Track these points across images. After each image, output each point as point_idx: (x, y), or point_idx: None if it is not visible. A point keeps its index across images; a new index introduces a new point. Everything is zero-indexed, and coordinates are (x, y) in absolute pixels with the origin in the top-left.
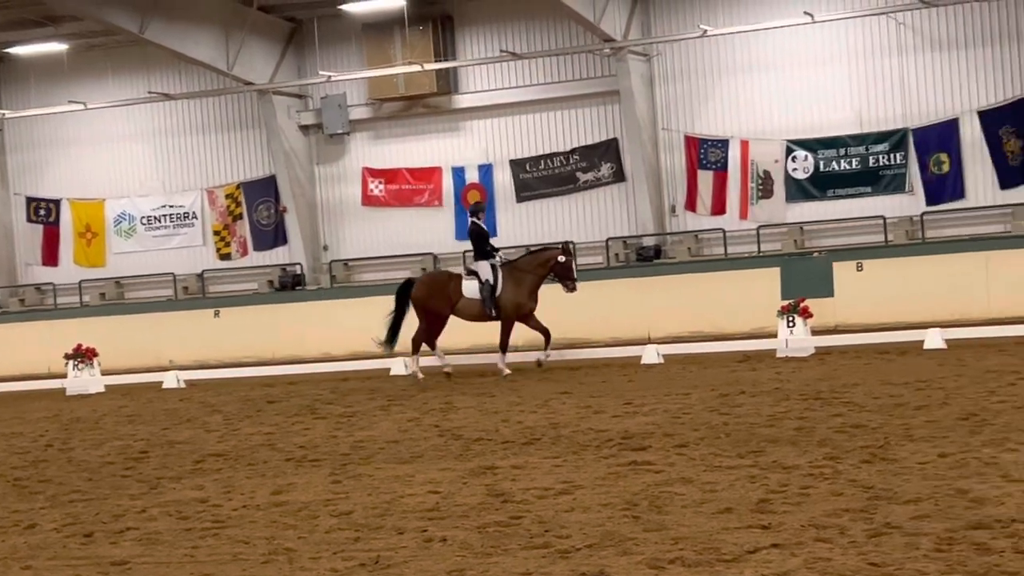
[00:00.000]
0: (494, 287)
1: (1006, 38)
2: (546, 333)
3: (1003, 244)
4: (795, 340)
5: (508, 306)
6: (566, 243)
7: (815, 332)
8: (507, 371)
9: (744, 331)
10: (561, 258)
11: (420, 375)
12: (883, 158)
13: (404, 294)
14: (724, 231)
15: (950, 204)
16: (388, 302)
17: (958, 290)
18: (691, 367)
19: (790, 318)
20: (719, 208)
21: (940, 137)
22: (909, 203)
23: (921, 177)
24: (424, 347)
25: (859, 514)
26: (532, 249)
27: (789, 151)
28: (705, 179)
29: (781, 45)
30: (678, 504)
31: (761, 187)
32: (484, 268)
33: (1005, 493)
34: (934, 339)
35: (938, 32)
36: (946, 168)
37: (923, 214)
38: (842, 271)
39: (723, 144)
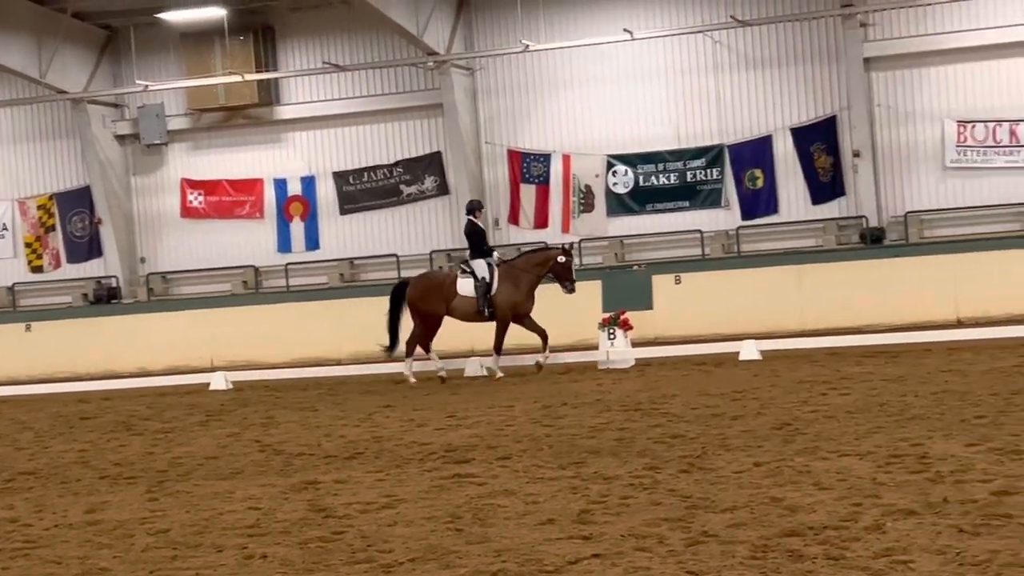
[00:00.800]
0: (489, 286)
1: (818, 58)
2: (543, 334)
3: (815, 258)
4: (616, 352)
5: (503, 306)
6: (565, 244)
7: (635, 344)
8: (500, 373)
9: (566, 343)
10: (561, 258)
11: (413, 379)
12: (700, 173)
13: (399, 295)
14: (547, 245)
15: (764, 219)
16: (207, 315)
17: (772, 303)
18: (514, 379)
19: (611, 330)
20: (542, 222)
21: (754, 153)
22: (725, 217)
23: (737, 192)
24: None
25: (677, 523)
26: (530, 248)
27: (610, 166)
28: (528, 193)
29: (602, 61)
30: (501, 516)
31: (583, 201)
32: (480, 266)
33: (817, 501)
34: (749, 350)
35: (752, 51)
36: (760, 183)
37: (739, 228)
38: (661, 284)
39: (545, 158)
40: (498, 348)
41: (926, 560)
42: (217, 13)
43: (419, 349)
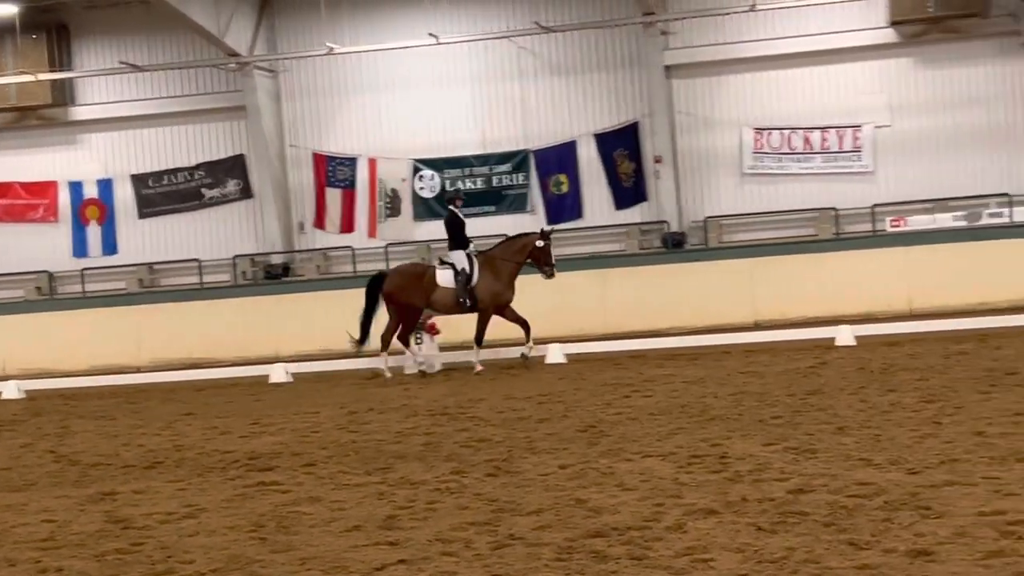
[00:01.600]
0: (470, 277)
1: (621, 65)
2: (525, 325)
3: (618, 262)
4: (423, 356)
5: (485, 297)
6: (545, 229)
7: (443, 348)
8: (480, 367)
9: (374, 348)
10: (539, 243)
11: (388, 374)
12: (506, 178)
13: (375, 288)
14: (353, 249)
15: (569, 223)
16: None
17: (577, 306)
18: (320, 385)
19: (418, 335)
20: (348, 226)
21: (559, 159)
22: (531, 222)
23: (542, 197)
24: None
25: (484, 527)
26: (508, 236)
27: (416, 170)
28: (334, 197)
29: (408, 65)
30: (306, 524)
31: (389, 205)
32: (459, 257)
33: (621, 502)
34: (555, 354)
35: (557, 57)
36: (565, 188)
37: None
38: None
39: (351, 162)
40: (479, 340)
41: (726, 558)
42: (8, 10)
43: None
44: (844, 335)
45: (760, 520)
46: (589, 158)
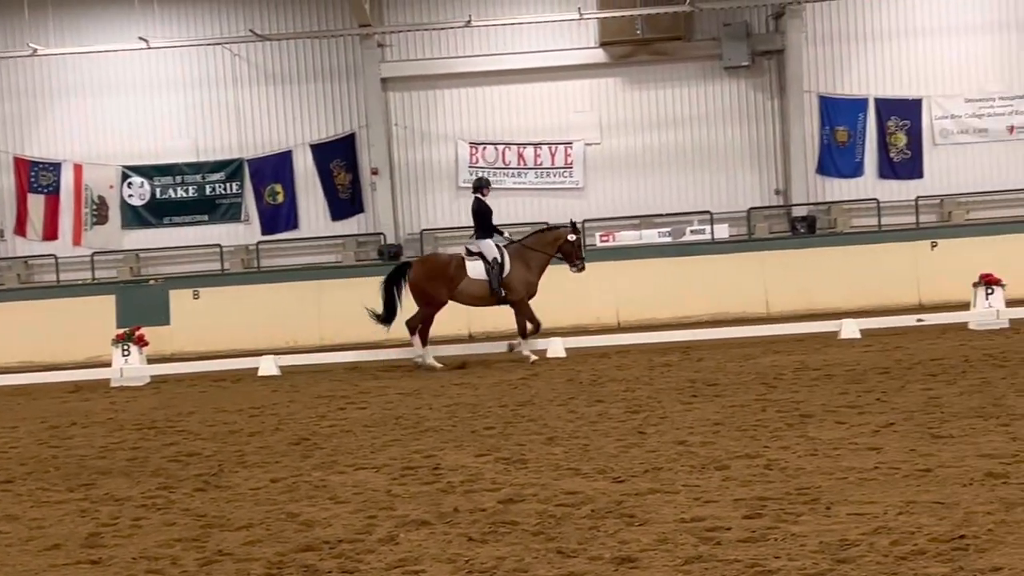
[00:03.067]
0: (502, 266)
1: (338, 75)
2: (536, 323)
3: (334, 273)
4: (130, 369)
5: (519, 288)
6: (574, 220)
7: (151, 360)
8: (533, 356)
9: (78, 360)
10: (571, 237)
11: (438, 364)
12: (220, 187)
13: (397, 276)
14: (56, 257)
15: (285, 234)
16: None
17: (292, 318)
18: (20, 399)
19: (125, 347)
20: (51, 233)
21: (275, 168)
22: (245, 232)
23: (257, 207)
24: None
25: (191, 543)
26: (538, 228)
27: (125, 177)
28: (36, 203)
29: (118, 69)
30: (2, 543)
31: (96, 213)
32: (489, 247)
33: (333, 515)
34: (268, 366)
35: (273, 66)
36: (281, 199)
37: (259, 243)
38: (179, 299)
39: (55, 167)
40: (523, 331)
41: (437, 569)
42: None
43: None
44: (555, 347)
45: (471, 530)
46: (306, 168)
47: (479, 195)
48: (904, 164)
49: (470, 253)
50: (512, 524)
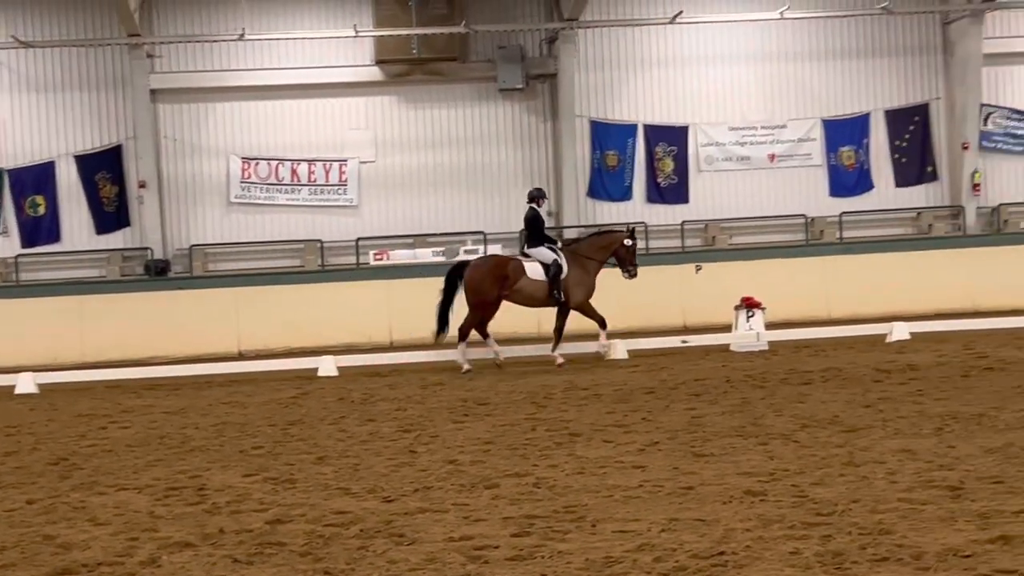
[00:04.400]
0: (561, 268)
1: (105, 85)
2: (560, 326)
3: (97, 289)
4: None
5: (579, 292)
6: (631, 225)
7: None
8: (609, 351)
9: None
10: (627, 242)
11: (467, 366)
12: None
13: (454, 278)
14: None
15: (48, 247)
16: None
17: (52, 334)
18: None
19: None
20: None
21: (37, 179)
22: (4, 244)
23: (17, 219)
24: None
25: None
26: (593, 232)
27: None
28: None
29: None
30: None
31: None
32: (544, 253)
33: (92, 537)
34: (26, 384)
35: (37, 74)
36: (43, 211)
37: (18, 256)
38: None
39: None
40: (603, 324)
41: None
42: None
43: (473, 334)
44: (327, 365)
45: (237, 552)
46: (69, 180)
47: (534, 205)
48: (671, 189)
49: (526, 257)
50: (279, 545)
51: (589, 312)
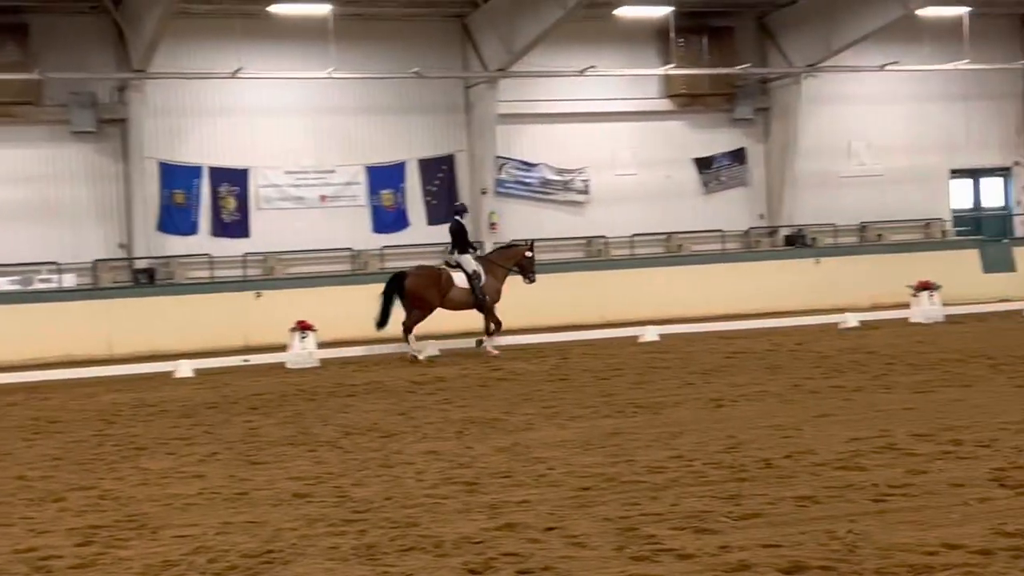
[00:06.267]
0: (479, 277)
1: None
2: (499, 323)
3: None
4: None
5: (493, 295)
6: (528, 240)
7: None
8: (496, 352)
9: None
10: (528, 254)
11: (421, 356)
12: None
13: (395, 284)
14: None
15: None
16: None
17: None
18: None
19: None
20: None
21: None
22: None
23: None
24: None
25: None
26: (499, 245)
27: None
28: None
29: None
30: None
31: None
32: (469, 261)
33: None
34: None
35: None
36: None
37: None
38: None
39: None
40: (497, 328)
41: None
42: None
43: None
44: None
45: None
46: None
47: (458, 218)
48: (234, 224)
49: (452, 266)
50: None
51: (491, 314)
